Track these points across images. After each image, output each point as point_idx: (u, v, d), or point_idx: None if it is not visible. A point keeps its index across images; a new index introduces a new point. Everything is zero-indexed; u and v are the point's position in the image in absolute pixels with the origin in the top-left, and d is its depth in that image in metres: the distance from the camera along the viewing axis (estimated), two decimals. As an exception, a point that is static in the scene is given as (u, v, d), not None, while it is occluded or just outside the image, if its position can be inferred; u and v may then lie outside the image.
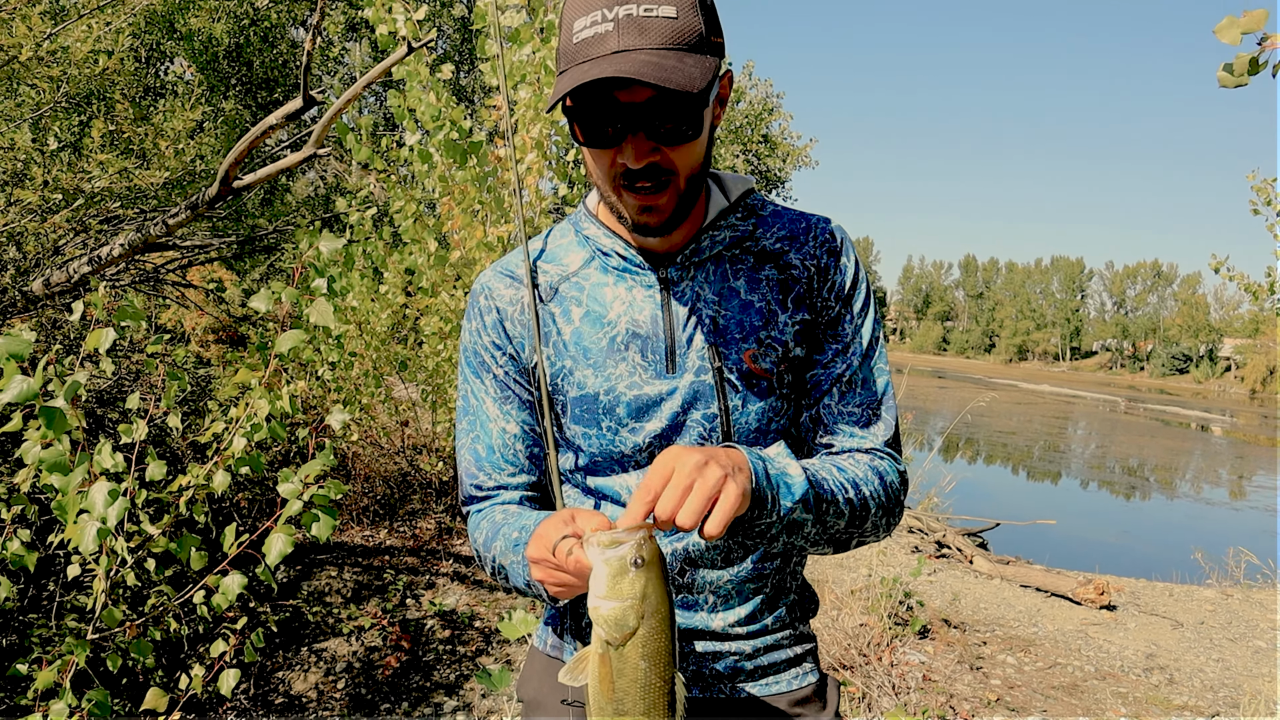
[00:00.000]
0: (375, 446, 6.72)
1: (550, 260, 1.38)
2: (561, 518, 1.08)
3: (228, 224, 6.93)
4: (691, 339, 1.28)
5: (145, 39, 6.61)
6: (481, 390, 1.39)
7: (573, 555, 1.02)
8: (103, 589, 2.29)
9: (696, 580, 1.33)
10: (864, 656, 4.70)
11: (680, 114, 1.13)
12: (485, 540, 1.30)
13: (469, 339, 1.40)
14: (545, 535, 1.08)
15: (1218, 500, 18.05)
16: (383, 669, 4.33)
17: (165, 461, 2.48)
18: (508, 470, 1.37)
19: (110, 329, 2.06)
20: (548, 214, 3.92)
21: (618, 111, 1.12)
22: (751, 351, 1.28)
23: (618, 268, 1.32)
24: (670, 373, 1.28)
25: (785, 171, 22.75)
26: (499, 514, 1.33)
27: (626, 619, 0.97)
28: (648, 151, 1.14)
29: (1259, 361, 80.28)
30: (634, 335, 1.29)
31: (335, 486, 2.23)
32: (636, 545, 0.97)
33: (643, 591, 0.97)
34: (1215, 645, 5.94)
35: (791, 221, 1.36)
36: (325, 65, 11.17)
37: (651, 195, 1.18)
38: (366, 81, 2.88)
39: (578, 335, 1.31)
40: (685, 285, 1.30)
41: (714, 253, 1.31)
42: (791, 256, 1.32)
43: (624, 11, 1.09)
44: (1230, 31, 1.39)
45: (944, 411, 28.47)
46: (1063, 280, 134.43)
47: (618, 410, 1.29)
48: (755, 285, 1.31)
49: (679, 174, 1.18)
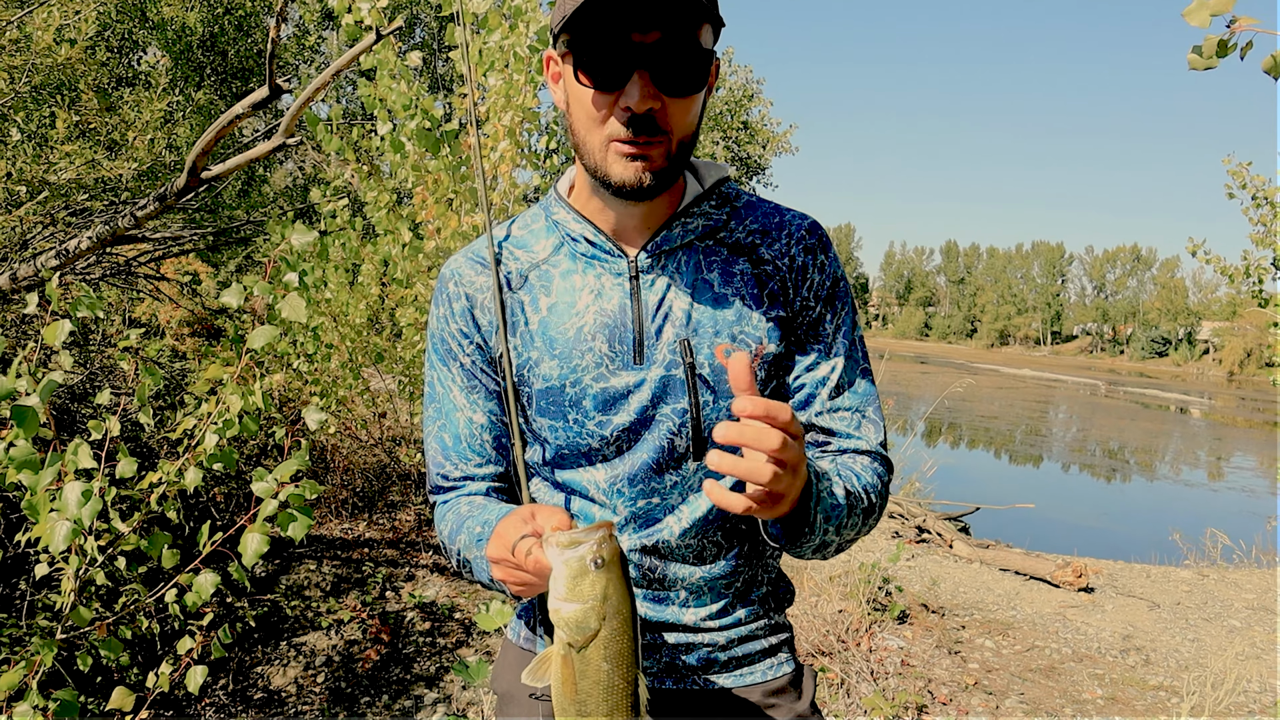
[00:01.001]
0: (353, 439, 6.68)
1: (520, 246, 1.35)
2: (521, 515, 1.06)
3: (203, 215, 6.86)
4: (661, 330, 1.25)
5: (117, 28, 6.51)
6: (448, 379, 1.36)
7: (532, 555, 1.01)
8: (72, 588, 2.27)
9: (668, 576, 1.32)
10: (842, 643, 4.73)
11: (689, 60, 1.12)
12: (450, 533, 1.29)
13: (436, 325, 1.37)
14: (504, 534, 1.07)
15: (1196, 482, 18.26)
16: (362, 662, 4.32)
17: (139, 458, 2.45)
18: (474, 460, 1.35)
19: (66, 321, 2.02)
20: (522, 202, 3.90)
21: (626, 48, 1.10)
22: (724, 346, 1.25)
23: (586, 254, 1.28)
24: (638, 363, 1.25)
25: (765, 158, 22.73)
26: (464, 505, 1.31)
27: (588, 621, 0.96)
28: (652, 95, 1.11)
29: (1236, 344, 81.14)
30: (602, 325, 1.25)
31: (310, 486, 2.21)
32: (596, 545, 0.96)
33: (604, 592, 0.96)
34: (1190, 625, 6.01)
35: (765, 215, 1.34)
36: (301, 54, 11.05)
37: (646, 147, 1.15)
38: (334, 69, 2.84)
39: (545, 325, 1.28)
40: (655, 274, 1.27)
41: (685, 241, 1.28)
42: (763, 251, 1.30)
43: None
44: (1199, 14, 1.39)
45: (926, 397, 28.61)
46: (1043, 265, 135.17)
47: (584, 403, 1.26)
48: (729, 279, 1.28)
49: (673, 134, 1.16)
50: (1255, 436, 29.40)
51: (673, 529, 1.29)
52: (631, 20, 1.09)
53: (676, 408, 1.25)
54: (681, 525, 1.29)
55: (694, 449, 1.26)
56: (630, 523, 1.30)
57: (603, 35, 1.10)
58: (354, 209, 7.01)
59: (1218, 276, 7.77)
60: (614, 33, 1.09)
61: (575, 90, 1.16)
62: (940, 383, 36.42)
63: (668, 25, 1.09)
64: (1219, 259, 7.74)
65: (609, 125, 1.15)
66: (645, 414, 1.26)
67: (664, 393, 1.25)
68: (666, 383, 1.25)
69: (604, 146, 1.16)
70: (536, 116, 3.51)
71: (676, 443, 1.26)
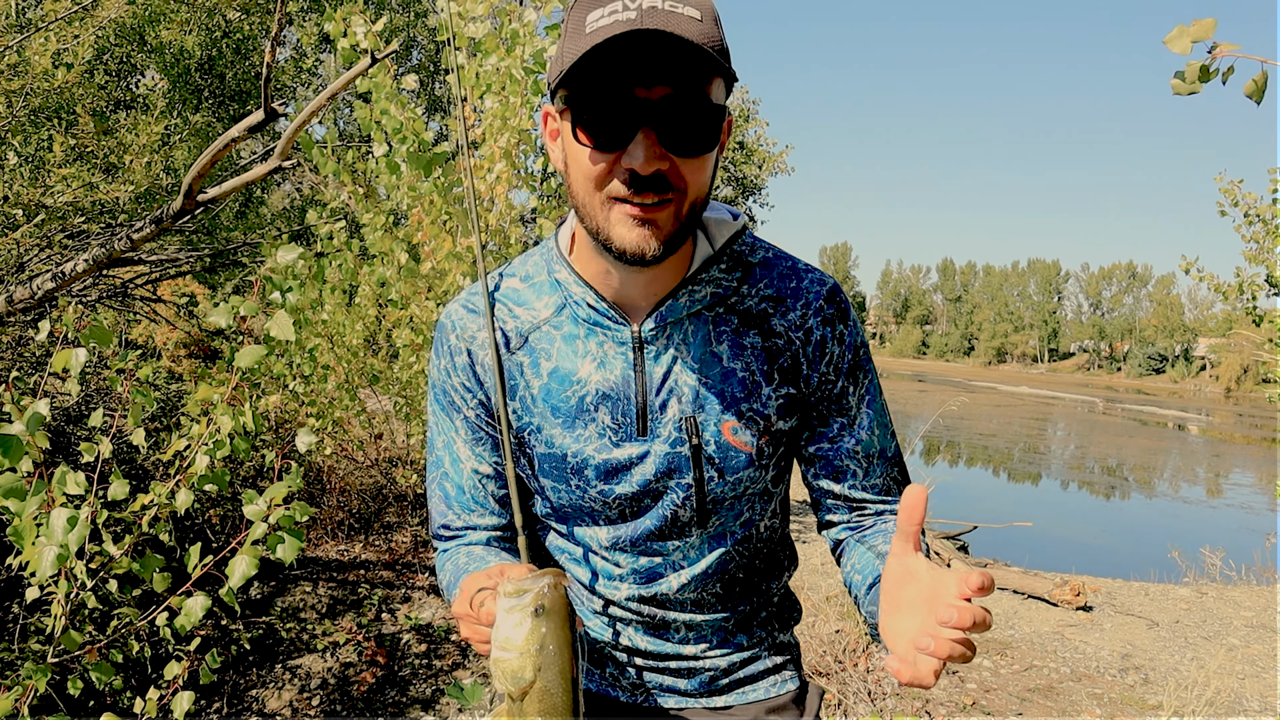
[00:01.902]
0: (350, 460, 6.66)
1: (520, 304, 1.28)
2: (488, 572, 1.04)
3: (200, 237, 6.88)
4: (666, 404, 1.20)
5: (115, 51, 6.55)
6: (451, 430, 1.32)
7: (485, 607, 0.98)
8: (62, 612, 2.26)
9: (669, 620, 1.32)
10: (840, 663, 4.71)
11: (699, 119, 1.03)
12: (447, 584, 1.28)
13: (439, 376, 1.32)
14: (467, 589, 1.04)
15: (1194, 499, 18.22)
16: (358, 685, 4.29)
17: (131, 480, 2.45)
18: (477, 512, 1.32)
19: (80, 350, 2.02)
20: (518, 223, 3.91)
21: (630, 106, 1.00)
22: (731, 424, 1.21)
23: (588, 319, 1.22)
24: (641, 435, 1.21)
25: (761, 178, 22.81)
26: (462, 556, 1.29)
27: (524, 671, 0.93)
28: (658, 155, 1.02)
29: (1233, 360, 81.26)
30: (604, 396, 1.21)
31: (302, 509, 2.21)
32: (537, 594, 0.93)
33: (541, 642, 0.93)
34: (1190, 644, 5.98)
35: (781, 278, 1.25)
36: (299, 77, 11.11)
37: (652, 210, 1.05)
38: (330, 93, 2.86)
39: (546, 392, 1.24)
40: (660, 345, 1.20)
41: (693, 310, 1.20)
42: (775, 323, 1.22)
43: (649, 3, 0.98)
44: (1181, 41, 1.42)
45: (924, 415, 28.59)
46: (1039, 282, 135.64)
47: (586, 471, 1.24)
48: (739, 352, 1.21)
49: (686, 194, 1.06)
50: (1253, 453, 29.39)
51: (672, 584, 1.29)
52: (636, 75, 1.00)
53: (681, 482, 1.23)
54: (681, 581, 1.29)
55: (698, 518, 1.25)
56: (631, 576, 1.30)
57: (604, 91, 1.01)
58: (351, 230, 7.03)
59: (1213, 293, 7.79)
60: (616, 88, 1.00)
61: (574, 150, 1.07)
62: (938, 401, 36.44)
63: (676, 80, 1.01)
64: (1212, 276, 7.77)
65: (610, 184, 1.05)
66: (649, 486, 1.23)
67: (669, 469, 1.22)
68: (671, 459, 1.21)
69: (605, 206, 1.07)
70: (532, 139, 3.54)
71: (681, 514, 1.25)
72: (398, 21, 14.87)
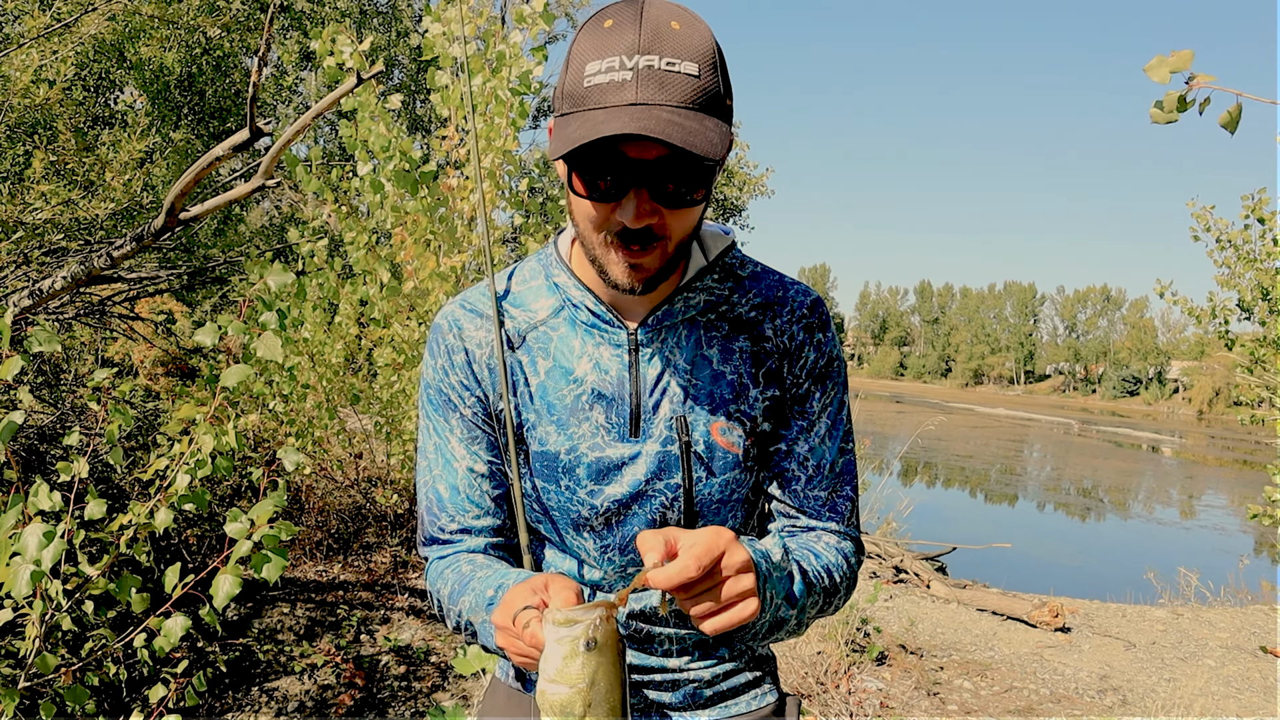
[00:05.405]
0: (329, 479, 6.61)
1: (518, 305, 1.32)
2: (533, 585, 1.04)
3: (179, 255, 6.82)
4: (658, 406, 1.24)
5: (94, 67, 6.51)
6: (446, 430, 1.33)
7: (529, 629, 0.98)
8: (37, 634, 2.22)
9: (654, 634, 1.32)
10: (821, 685, 4.70)
11: (689, 177, 1.07)
12: (451, 593, 1.26)
13: (433, 375, 1.34)
14: (511, 602, 1.04)
15: (1169, 520, 18.41)
16: (336, 707, 4.23)
17: (109, 500, 2.42)
18: (472, 512, 1.32)
19: (16, 357, 1.99)
20: (501, 243, 3.92)
21: (623, 166, 1.05)
22: (720, 425, 1.24)
23: (586, 322, 1.26)
24: (634, 436, 1.24)
25: (742, 200, 22.98)
26: (465, 564, 1.28)
27: (573, 706, 0.92)
28: (649, 212, 1.07)
29: (1205, 383, 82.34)
30: (599, 395, 1.24)
31: (285, 528, 2.19)
32: (589, 625, 0.91)
33: (592, 677, 0.92)
34: (1166, 665, 6.02)
35: (769, 289, 1.31)
36: (279, 95, 11.10)
37: (640, 255, 1.12)
38: (315, 113, 2.86)
39: (543, 389, 1.27)
40: (655, 348, 1.25)
41: (687, 316, 1.26)
42: (765, 328, 1.28)
43: (645, 62, 1.02)
44: (1160, 71, 1.45)
45: (901, 436, 28.73)
46: (1016, 305, 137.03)
47: (578, 471, 1.25)
48: (728, 356, 1.27)
49: (670, 239, 1.12)
50: (1225, 475, 29.75)
51: (657, 595, 1.29)
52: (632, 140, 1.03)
53: (670, 483, 1.25)
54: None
55: (685, 522, 1.26)
56: (620, 587, 1.30)
57: (599, 153, 1.05)
58: (332, 249, 7.00)
59: (1186, 316, 7.91)
60: (612, 152, 1.04)
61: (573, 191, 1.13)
62: (916, 422, 36.60)
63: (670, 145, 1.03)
64: (1185, 300, 7.90)
65: (608, 227, 1.11)
66: (639, 489, 1.25)
67: (659, 470, 1.24)
68: (662, 458, 1.24)
69: (604, 246, 1.13)
70: (516, 160, 3.55)
71: (669, 516, 1.26)
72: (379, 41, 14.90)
